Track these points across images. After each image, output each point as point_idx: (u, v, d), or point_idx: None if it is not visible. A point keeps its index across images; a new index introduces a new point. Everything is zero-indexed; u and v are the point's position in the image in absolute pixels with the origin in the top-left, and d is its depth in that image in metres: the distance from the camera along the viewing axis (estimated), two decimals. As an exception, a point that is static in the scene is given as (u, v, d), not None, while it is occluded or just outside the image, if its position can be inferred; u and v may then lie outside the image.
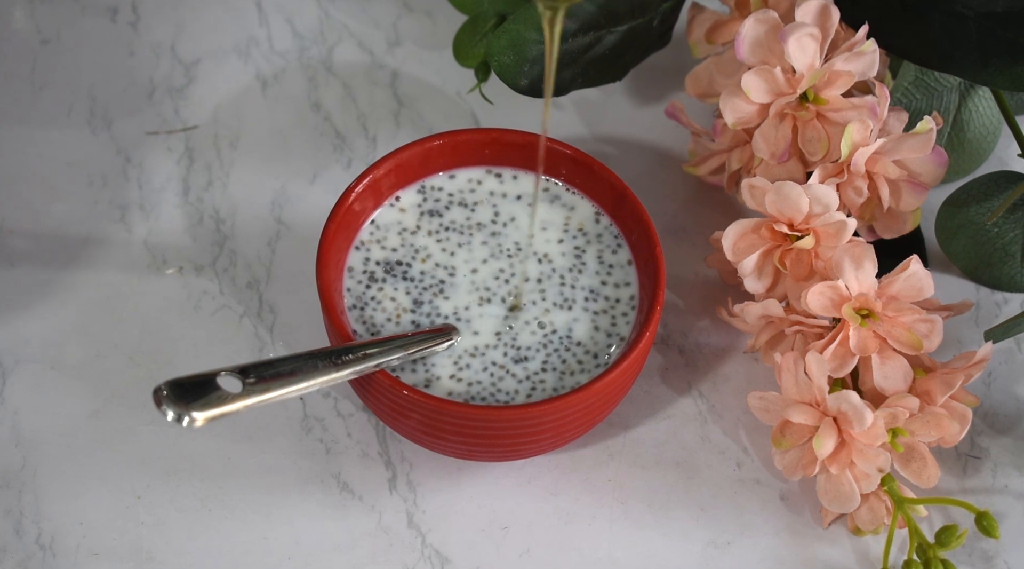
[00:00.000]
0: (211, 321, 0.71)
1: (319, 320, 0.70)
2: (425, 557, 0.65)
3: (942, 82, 0.72)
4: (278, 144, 0.77)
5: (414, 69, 0.80)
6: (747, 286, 0.67)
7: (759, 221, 0.66)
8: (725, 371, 0.71)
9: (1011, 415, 0.70)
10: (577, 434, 0.65)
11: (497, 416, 0.62)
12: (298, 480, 0.67)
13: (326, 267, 0.65)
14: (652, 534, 0.66)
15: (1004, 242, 0.72)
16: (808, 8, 0.66)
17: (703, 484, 0.68)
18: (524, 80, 0.69)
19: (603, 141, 0.78)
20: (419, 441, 0.65)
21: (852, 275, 0.64)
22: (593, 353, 0.65)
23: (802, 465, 0.64)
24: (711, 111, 0.75)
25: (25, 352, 0.70)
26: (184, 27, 0.81)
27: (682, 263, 0.74)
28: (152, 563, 0.65)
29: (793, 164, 0.68)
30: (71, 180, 0.75)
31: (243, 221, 0.75)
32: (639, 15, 0.71)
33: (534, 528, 0.66)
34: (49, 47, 0.80)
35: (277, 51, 0.80)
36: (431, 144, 0.68)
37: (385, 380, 0.62)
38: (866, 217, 0.69)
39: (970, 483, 0.68)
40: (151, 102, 0.78)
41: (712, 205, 0.76)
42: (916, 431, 0.64)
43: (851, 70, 0.66)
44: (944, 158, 0.68)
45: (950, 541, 0.63)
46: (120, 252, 0.73)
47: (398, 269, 0.67)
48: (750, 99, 0.66)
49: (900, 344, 0.64)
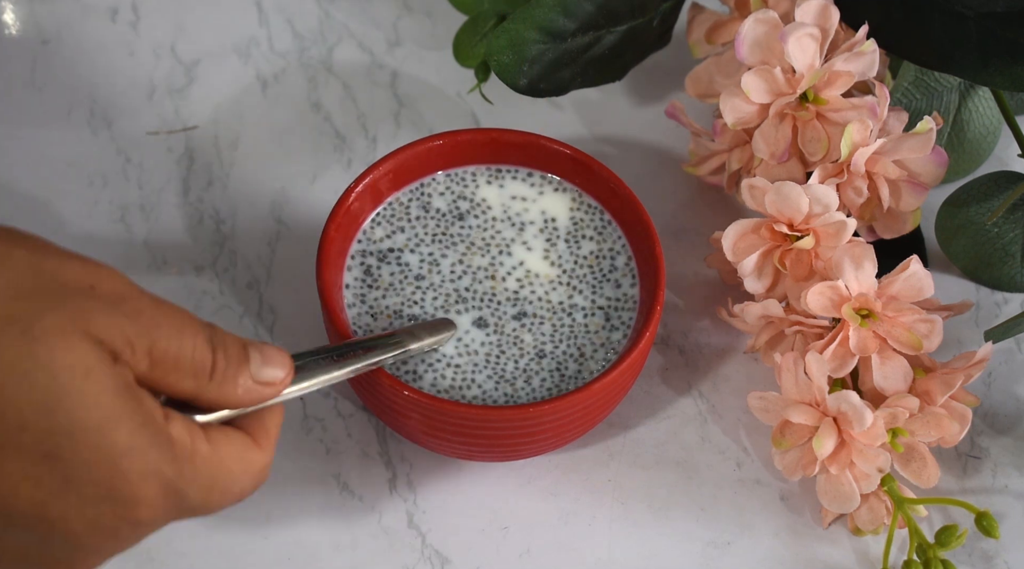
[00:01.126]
0: (211, 321, 0.71)
1: (319, 320, 0.70)
2: (425, 557, 0.65)
3: (942, 82, 0.72)
4: (278, 144, 0.77)
5: (414, 69, 0.80)
6: (747, 286, 0.67)
7: (759, 221, 0.66)
8: (725, 371, 0.71)
9: (1011, 415, 0.70)
10: (577, 434, 0.65)
11: (497, 416, 0.62)
12: (298, 480, 0.67)
13: (326, 267, 0.65)
14: (652, 534, 0.66)
15: (1004, 242, 0.72)
16: (808, 8, 0.66)
17: (703, 484, 0.68)
18: (523, 80, 0.69)
19: (603, 141, 0.78)
20: (419, 441, 0.65)
21: (852, 275, 0.64)
22: (593, 353, 0.65)
23: (802, 465, 0.64)
24: (711, 111, 0.75)
25: (25, 352, 0.70)
26: (184, 27, 0.81)
27: (682, 263, 0.74)
28: (152, 563, 0.65)
29: (793, 164, 0.68)
30: (71, 180, 0.75)
31: (243, 221, 0.75)
32: (639, 15, 0.71)
33: (534, 528, 0.66)
34: (49, 47, 0.80)
35: (277, 51, 0.80)
36: (431, 144, 0.68)
37: (385, 380, 0.62)
38: (866, 217, 0.69)
39: (970, 483, 0.68)
40: (151, 102, 0.78)
41: (712, 205, 0.76)
42: (916, 431, 0.64)
43: (851, 70, 0.66)
44: (944, 158, 0.68)
45: (950, 541, 0.63)
46: (120, 252, 0.73)
47: (398, 268, 0.67)
48: (750, 99, 0.66)
49: (900, 344, 0.64)
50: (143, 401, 0.48)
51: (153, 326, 0.48)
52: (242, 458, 0.51)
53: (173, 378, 0.49)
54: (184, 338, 0.49)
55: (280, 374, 0.52)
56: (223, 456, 0.50)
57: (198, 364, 0.49)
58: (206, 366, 0.50)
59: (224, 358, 0.50)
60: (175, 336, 0.49)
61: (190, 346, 0.49)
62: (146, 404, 0.48)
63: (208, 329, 0.50)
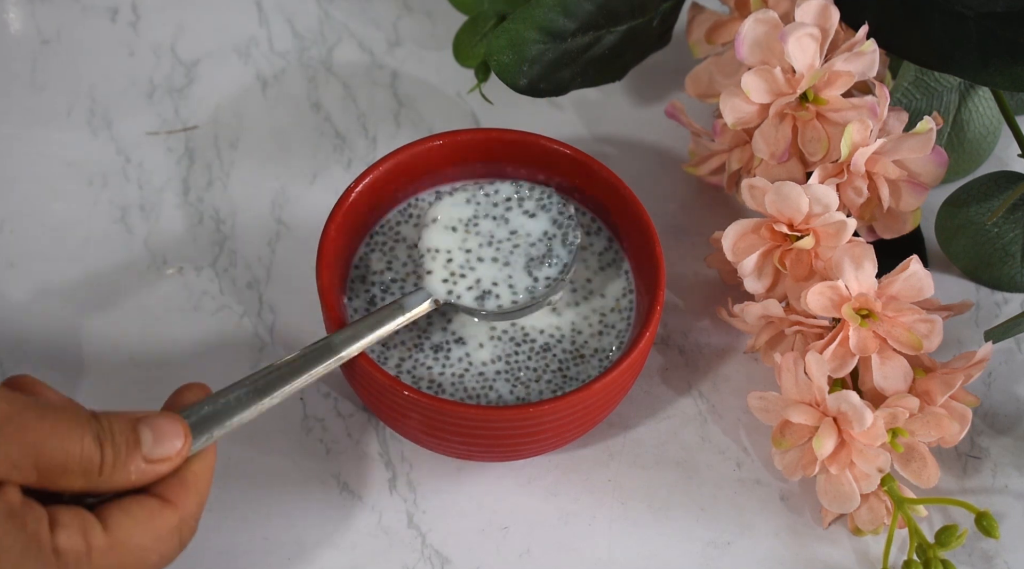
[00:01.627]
0: (211, 321, 0.71)
1: (319, 320, 0.70)
2: (425, 557, 0.65)
3: (942, 82, 0.72)
4: (278, 144, 0.77)
5: (414, 69, 0.80)
6: (747, 286, 0.67)
7: (759, 221, 0.66)
8: (725, 371, 0.71)
9: (1011, 415, 0.70)
10: (577, 434, 0.65)
11: (497, 416, 0.62)
12: (298, 480, 0.67)
13: (326, 267, 0.65)
14: (652, 534, 0.66)
15: (1004, 242, 0.72)
16: (808, 8, 0.66)
17: (703, 484, 0.68)
18: (523, 80, 0.69)
19: (603, 141, 0.78)
20: (419, 441, 0.65)
21: (852, 275, 0.64)
22: (593, 353, 0.65)
23: (802, 465, 0.64)
24: (711, 111, 0.75)
25: (25, 352, 0.70)
26: (184, 27, 0.81)
27: (682, 263, 0.74)
28: (152, 563, 0.65)
29: (793, 164, 0.68)
30: (71, 180, 0.75)
31: (243, 221, 0.75)
32: (639, 15, 0.71)
33: (534, 528, 0.66)
34: (49, 47, 0.80)
35: (277, 51, 0.81)
36: (431, 144, 0.68)
37: (385, 380, 0.62)
38: (866, 217, 0.69)
39: (970, 483, 0.68)
40: (151, 102, 0.79)
41: (712, 205, 0.76)
42: (916, 431, 0.64)
43: (851, 70, 0.66)
44: (944, 158, 0.68)
45: (950, 541, 0.63)
46: (120, 252, 0.73)
47: (398, 267, 0.67)
48: (750, 99, 0.66)
49: (900, 344, 0.64)
50: (25, 524, 0.49)
51: (38, 441, 0.50)
52: (149, 528, 0.52)
53: (63, 481, 0.51)
54: (70, 442, 0.50)
55: (176, 446, 0.54)
56: (124, 538, 0.52)
57: (86, 463, 0.51)
58: (94, 463, 0.51)
59: (112, 451, 0.52)
60: (60, 443, 0.50)
61: (77, 449, 0.50)
62: (28, 527, 0.49)
63: (95, 423, 0.51)
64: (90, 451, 0.51)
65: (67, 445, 0.50)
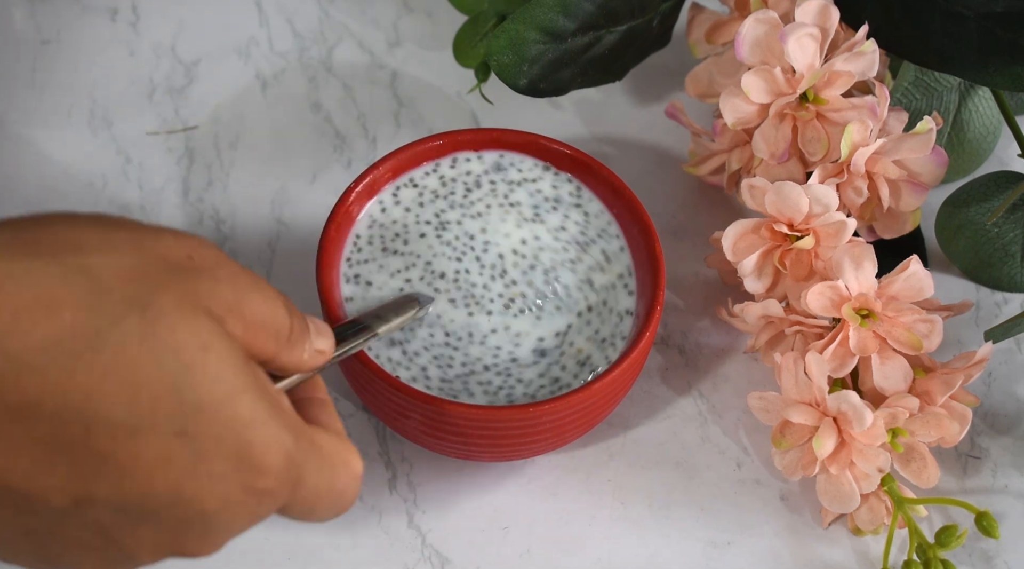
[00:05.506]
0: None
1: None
2: (425, 557, 0.65)
3: (942, 82, 0.72)
4: (278, 144, 0.77)
5: (414, 69, 0.80)
6: (747, 286, 0.67)
7: (759, 221, 0.66)
8: (725, 371, 0.71)
9: (1011, 415, 0.70)
10: (577, 434, 0.65)
11: (497, 416, 0.62)
12: (298, 480, 0.67)
13: (326, 267, 0.65)
14: (652, 534, 0.66)
15: (1004, 242, 0.72)
16: (808, 8, 0.66)
17: (703, 484, 0.68)
18: (523, 80, 0.69)
19: (603, 141, 0.78)
20: (419, 441, 0.65)
21: (852, 275, 0.64)
22: (593, 353, 0.65)
23: (802, 465, 0.64)
24: (711, 111, 0.75)
25: (25, 352, 0.70)
26: (184, 27, 0.81)
27: (682, 263, 0.74)
28: (152, 563, 0.65)
29: (793, 164, 0.68)
30: (71, 180, 0.75)
31: (243, 221, 0.75)
32: (639, 15, 0.71)
33: (534, 528, 0.66)
34: (49, 47, 0.80)
35: (277, 51, 0.81)
36: (431, 144, 0.68)
37: (385, 380, 0.62)
38: (866, 217, 0.69)
39: (970, 483, 0.68)
40: (151, 102, 0.79)
41: (712, 205, 0.76)
42: (916, 431, 0.64)
43: (851, 70, 0.66)
44: (944, 158, 0.68)
45: (950, 541, 0.63)
46: (120, 252, 0.73)
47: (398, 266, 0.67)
48: (750, 99, 0.66)
49: (900, 344, 0.64)
50: (257, 371, 0.49)
51: (245, 291, 0.49)
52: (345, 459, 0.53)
53: (260, 340, 0.50)
54: (270, 301, 0.50)
55: (328, 344, 0.54)
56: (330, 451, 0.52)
57: (279, 326, 0.50)
58: (285, 328, 0.51)
59: (298, 323, 0.52)
60: (263, 300, 0.50)
61: (272, 309, 0.50)
62: (260, 374, 0.49)
63: (283, 295, 0.52)
64: (283, 316, 0.51)
65: (267, 303, 0.50)
